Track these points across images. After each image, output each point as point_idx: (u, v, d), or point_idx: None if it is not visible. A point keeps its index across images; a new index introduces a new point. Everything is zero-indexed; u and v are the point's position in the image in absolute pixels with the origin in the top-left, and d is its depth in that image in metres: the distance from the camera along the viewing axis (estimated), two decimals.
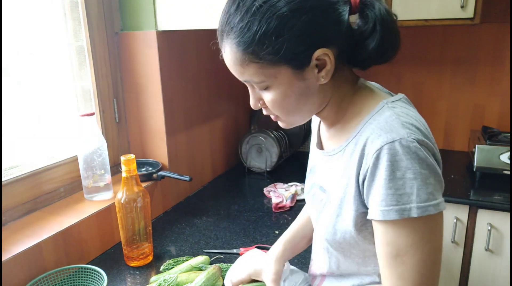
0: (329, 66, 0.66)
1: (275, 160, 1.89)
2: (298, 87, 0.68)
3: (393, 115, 0.65)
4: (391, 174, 0.61)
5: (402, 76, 2.10)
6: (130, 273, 1.14)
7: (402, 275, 0.63)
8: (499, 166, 1.60)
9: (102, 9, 1.40)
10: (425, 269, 0.62)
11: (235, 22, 0.64)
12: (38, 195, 1.23)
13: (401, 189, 0.60)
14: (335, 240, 0.75)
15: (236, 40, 0.64)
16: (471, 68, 1.96)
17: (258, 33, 0.62)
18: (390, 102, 0.68)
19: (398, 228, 0.62)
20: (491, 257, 1.51)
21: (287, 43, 0.62)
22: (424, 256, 0.62)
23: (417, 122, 0.65)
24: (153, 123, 1.51)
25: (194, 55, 1.64)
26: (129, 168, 1.10)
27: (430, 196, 0.60)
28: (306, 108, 0.72)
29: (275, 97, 0.69)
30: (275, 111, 0.72)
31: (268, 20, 0.61)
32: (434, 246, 0.63)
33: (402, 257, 0.63)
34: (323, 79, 0.68)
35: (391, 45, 0.68)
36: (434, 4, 1.50)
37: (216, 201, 1.63)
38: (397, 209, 0.61)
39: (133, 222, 1.14)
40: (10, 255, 0.99)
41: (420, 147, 0.61)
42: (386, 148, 0.61)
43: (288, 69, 0.65)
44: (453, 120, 2.06)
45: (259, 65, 0.65)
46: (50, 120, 1.31)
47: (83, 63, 1.39)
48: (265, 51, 0.63)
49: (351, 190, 0.68)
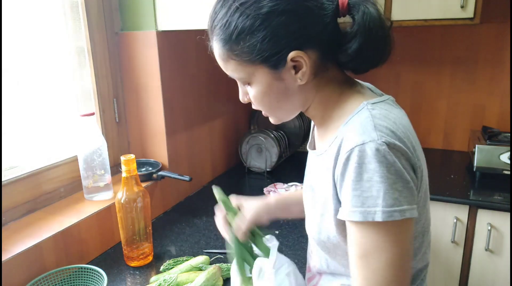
0: (305, 68, 0.67)
1: (275, 160, 1.89)
2: (276, 86, 0.69)
3: (369, 117, 0.64)
4: (358, 175, 0.61)
5: (402, 76, 2.10)
6: (130, 273, 1.14)
7: (366, 276, 0.64)
8: (499, 166, 1.60)
9: (102, 9, 1.40)
10: (389, 273, 0.62)
11: (218, 20, 0.67)
12: (38, 195, 1.23)
13: (367, 191, 0.61)
14: (320, 240, 0.76)
15: (218, 37, 0.68)
16: (471, 68, 1.96)
17: (234, 32, 0.65)
18: (371, 103, 0.68)
19: (363, 230, 0.63)
20: (491, 257, 1.51)
21: (260, 43, 0.64)
22: (389, 260, 0.62)
23: (394, 124, 0.64)
24: (153, 123, 1.51)
25: (194, 55, 1.64)
26: (129, 168, 1.10)
27: (396, 201, 0.60)
28: (288, 107, 0.74)
29: (256, 94, 0.71)
30: (258, 106, 0.75)
31: (244, 20, 0.64)
32: (400, 252, 0.62)
33: (366, 259, 0.63)
34: (300, 81, 0.68)
35: (374, 52, 0.67)
36: (434, 4, 1.50)
37: (216, 201, 1.62)
38: (362, 211, 0.61)
39: (133, 222, 1.14)
40: (10, 255, 0.99)
41: (390, 151, 0.60)
42: (356, 149, 0.61)
43: (265, 68, 0.67)
44: (453, 120, 2.06)
45: (238, 62, 0.68)
46: (50, 120, 1.31)
47: (83, 63, 1.39)
48: (240, 49, 0.66)
49: (330, 190, 0.69)
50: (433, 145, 2.12)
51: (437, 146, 2.11)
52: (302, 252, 1.21)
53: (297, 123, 2.08)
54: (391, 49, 0.68)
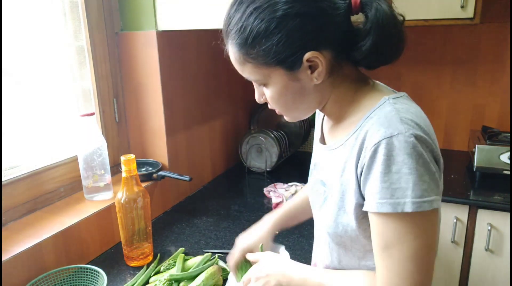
0: (321, 68, 0.68)
1: (275, 160, 1.89)
2: (292, 87, 0.71)
3: (393, 111, 0.65)
4: (387, 168, 0.62)
5: (402, 76, 2.10)
6: (130, 273, 1.14)
7: (389, 267, 0.64)
8: (499, 166, 1.60)
9: (102, 9, 1.40)
10: (412, 264, 0.63)
11: (233, 24, 0.68)
12: (38, 195, 1.23)
13: (397, 183, 0.61)
14: (337, 234, 0.76)
15: (234, 41, 0.69)
16: (471, 68, 1.96)
17: (250, 36, 0.66)
18: (392, 98, 0.69)
19: (389, 221, 0.63)
20: (491, 257, 1.51)
21: (275, 46, 0.66)
22: (412, 251, 0.62)
23: (417, 118, 0.66)
24: (153, 123, 1.51)
25: (194, 55, 1.64)
26: (129, 168, 1.10)
27: (425, 192, 0.61)
28: (304, 106, 0.75)
29: (272, 95, 0.73)
30: (275, 106, 0.76)
31: (259, 23, 0.65)
32: (424, 243, 0.63)
33: (390, 250, 0.64)
34: (316, 80, 0.70)
35: (388, 48, 0.69)
36: (434, 4, 1.50)
37: (216, 201, 1.63)
38: (391, 203, 0.62)
39: (133, 222, 1.14)
40: (10, 255, 0.99)
41: (418, 143, 0.62)
42: (384, 142, 0.62)
43: (281, 70, 0.69)
44: (453, 120, 2.06)
45: (254, 65, 0.70)
46: (50, 120, 1.31)
47: (83, 63, 1.39)
48: (256, 52, 0.67)
49: (352, 183, 0.69)
50: None
51: None
52: (302, 252, 1.21)
53: (297, 123, 2.08)
54: (404, 45, 0.70)
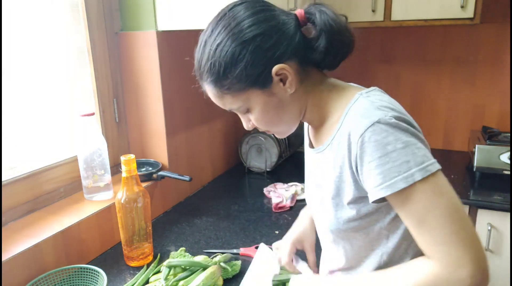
0: (290, 77, 0.73)
1: (275, 160, 1.89)
2: (271, 102, 0.76)
3: (368, 102, 0.70)
4: (382, 150, 0.64)
5: (401, 76, 2.10)
6: (130, 273, 1.14)
7: (434, 239, 0.64)
8: (499, 166, 1.60)
9: (102, 9, 1.40)
10: (452, 224, 0.63)
11: (203, 65, 0.75)
12: (38, 195, 1.23)
13: (398, 160, 0.64)
14: (340, 229, 0.78)
15: (208, 80, 0.75)
16: (471, 68, 1.96)
17: (220, 69, 0.72)
18: (365, 93, 0.73)
19: (409, 197, 0.65)
20: (491, 257, 1.51)
21: (245, 70, 0.71)
22: (445, 212, 0.63)
23: (391, 105, 0.70)
24: (153, 123, 1.51)
25: (194, 55, 1.64)
26: (129, 168, 1.10)
27: (425, 157, 0.64)
28: (287, 117, 0.79)
29: (256, 116, 0.77)
30: (262, 127, 0.80)
31: (224, 56, 0.71)
32: (451, 201, 0.64)
33: (426, 222, 0.64)
34: (289, 90, 0.75)
35: (341, 44, 0.75)
36: (434, 4, 1.50)
37: (216, 201, 1.63)
38: (401, 178, 0.64)
39: (133, 222, 1.14)
40: (10, 255, 0.99)
41: (399, 121, 0.66)
42: (369, 130, 0.65)
43: (256, 90, 0.74)
44: (453, 120, 2.06)
45: (231, 94, 0.75)
46: (50, 120, 1.31)
47: (83, 63, 1.39)
48: (230, 82, 0.73)
49: (347, 177, 0.72)
50: (433, 145, 2.12)
51: (437, 146, 2.11)
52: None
53: None
54: (354, 39, 0.76)
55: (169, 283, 1.01)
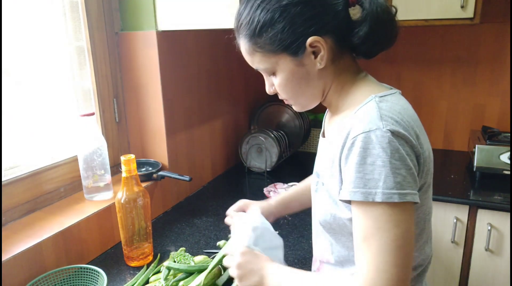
0: (323, 52, 0.73)
1: (275, 160, 1.89)
2: (298, 72, 0.76)
3: (375, 108, 0.69)
4: (362, 159, 0.65)
5: (402, 76, 2.10)
6: (130, 273, 1.14)
7: (367, 259, 0.66)
8: (499, 166, 1.60)
9: (102, 9, 1.40)
10: (390, 255, 0.64)
11: (243, 19, 0.75)
12: (38, 195, 1.23)
13: (370, 174, 0.65)
14: (326, 222, 0.80)
15: (244, 33, 0.76)
16: (471, 68, 1.96)
17: (257, 26, 0.73)
18: (379, 96, 0.73)
19: (366, 212, 0.66)
20: (491, 257, 1.51)
21: (280, 34, 0.72)
22: (389, 241, 0.64)
23: (399, 115, 0.69)
24: (153, 123, 1.51)
25: (194, 55, 1.64)
26: (129, 168, 1.10)
27: (398, 185, 0.64)
28: (310, 92, 0.80)
29: (280, 82, 0.78)
30: (283, 94, 0.81)
31: (265, 14, 0.72)
32: (401, 233, 0.64)
33: (368, 241, 0.66)
34: (319, 65, 0.75)
35: (383, 34, 0.75)
36: (434, 4, 1.50)
37: (216, 201, 1.63)
38: (363, 192, 0.65)
39: (133, 222, 1.14)
40: (10, 255, 0.99)
41: (394, 138, 0.65)
42: (362, 136, 0.66)
43: (286, 56, 0.74)
44: (453, 120, 2.06)
45: (262, 54, 0.76)
46: (50, 120, 1.31)
47: (83, 63, 1.39)
48: (263, 41, 0.74)
49: (337, 174, 0.73)
50: (434, 145, 2.12)
51: (437, 146, 2.11)
52: (302, 252, 1.21)
53: (297, 123, 2.08)
54: (397, 33, 0.76)
55: (169, 283, 1.01)
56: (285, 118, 2.11)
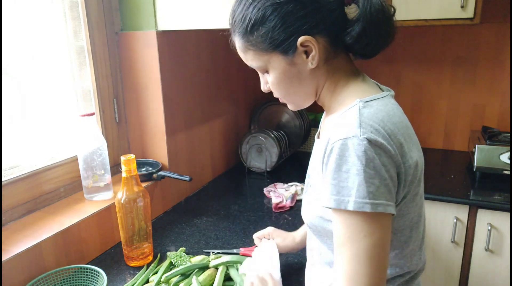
0: (314, 52, 0.72)
1: (275, 160, 1.89)
2: (290, 71, 0.75)
3: (357, 115, 0.68)
4: (337, 166, 0.65)
5: (402, 76, 2.10)
6: (130, 273, 1.14)
7: (340, 266, 0.67)
8: (499, 166, 1.60)
9: (102, 9, 1.40)
10: (359, 265, 0.64)
11: (236, 16, 0.75)
12: (38, 195, 1.23)
13: (344, 182, 0.64)
14: (313, 224, 0.80)
15: (237, 31, 0.76)
16: (471, 68, 1.96)
17: (249, 24, 0.73)
18: (364, 101, 0.71)
19: (339, 219, 0.66)
20: (491, 257, 1.51)
21: (271, 32, 0.71)
22: (359, 251, 0.64)
23: (381, 122, 0.67)
24: (153, 123, 1.51)
25: (194, 55, 1.64)
26: (129, 168, 1.10)
27: (370, 194, 0.63)
28: (302, 91, 0.79)
29: (273, 80, 0.78)
30: (276, 92, 0.81)
31: (256, 12, 0.71)
32: (372, 244, 0.64)
33: (341, 248, 0.66)
34: (311, 64, 0.74)
35: (377, 34, 0.72)
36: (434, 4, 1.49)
37: (216, 201, 1.63)
38: (336, 199, 0.65)
39: (133, 222, 1.14)
40: (10, 255, 0.99)
41: (370, 147, 0.63)
42: (339, 142, 0.65)
43: (278, 55, 0.74)
44: (453, 120, 2.05)
45: (254, 52, 0.75)
46: (50, 120, 1.31)
47: (83, 63, 1.39)
48: (255, 39, 0.73)
49: (319, 175, 0.73)
50: (434, 145, 2.12)
51: (437, 146, 2.11)
52: (302, 252, 1.21)
53: (297, 123, 2.08)
54: (394, 32, 0.74)
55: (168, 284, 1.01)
56: (285, 118, 2.11)
